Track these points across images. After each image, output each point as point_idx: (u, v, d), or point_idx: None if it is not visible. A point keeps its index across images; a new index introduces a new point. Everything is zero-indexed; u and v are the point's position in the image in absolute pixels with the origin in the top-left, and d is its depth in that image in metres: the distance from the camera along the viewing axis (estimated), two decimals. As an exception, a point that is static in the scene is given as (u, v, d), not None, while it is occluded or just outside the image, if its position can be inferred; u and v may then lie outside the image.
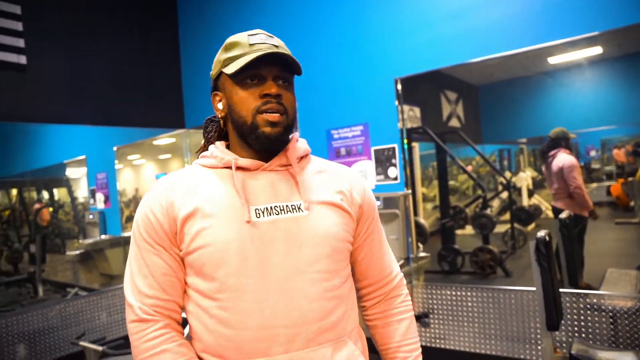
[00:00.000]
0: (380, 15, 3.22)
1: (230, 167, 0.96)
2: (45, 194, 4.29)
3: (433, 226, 3.75)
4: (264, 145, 0.94)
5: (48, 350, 3.44)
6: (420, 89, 3.30)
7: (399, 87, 3.13)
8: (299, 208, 0.94)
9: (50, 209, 4.24)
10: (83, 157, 4.28)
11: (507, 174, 3.94)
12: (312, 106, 3.59)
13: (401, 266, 2.98)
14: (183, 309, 0.99)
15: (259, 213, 0.92)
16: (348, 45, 3.38)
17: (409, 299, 1.14)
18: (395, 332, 1.09)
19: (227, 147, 1.04)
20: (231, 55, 0.94)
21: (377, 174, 3.26)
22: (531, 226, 3.81)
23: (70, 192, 4.35)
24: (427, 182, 3.92)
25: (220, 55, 0.98)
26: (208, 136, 1.09)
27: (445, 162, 3.75)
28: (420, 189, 3.51)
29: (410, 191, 3.14)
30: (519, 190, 3.91)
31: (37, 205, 4.18)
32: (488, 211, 3.83)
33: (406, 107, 3.17)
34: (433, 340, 3.06)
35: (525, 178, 3.93)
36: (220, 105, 1.00)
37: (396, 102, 3.15)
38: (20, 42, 3.41)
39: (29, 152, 4.13)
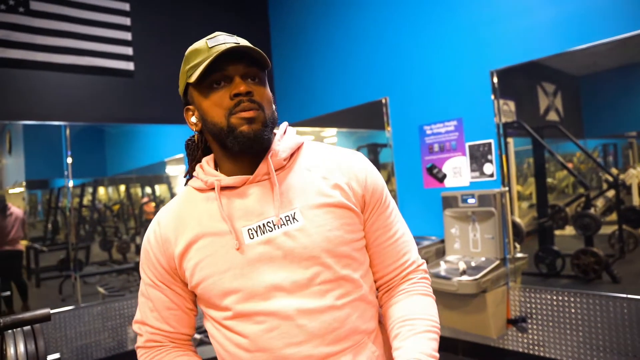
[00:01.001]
0: (474, 5, 3.09)
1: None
2: (149, 190, 4.64)
3: (529, 226, 3.55)
4: (245, 145, 0.86)
5: (152, 335, 3.71)
6: (516, 81, 3.13)
7: (495, 80, 2.99)
8: (293, 218, 0.89)
9: (153, 204, 4.58)
10: (181, 155, 4.57)
11: (614, 171, 3.62)
12: (403, 102, 3.55)
13: (497, 267, 2.85)
14: (193, 335, 1.02)
15: (252, 233, 0.88)
16: (440, 38, 3.29)
17: (424, 282, 1.01)
18: (400, 306, 0.96)
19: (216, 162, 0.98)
20: (193, 64, 0.89)
21: (472, 170, 3.15)
22: (643, 228, 3.46)
23: (170, 189, 4.66)
24: (522, 179, 3.71)
25: (183, 68, 0.93)
26: (192, 155, 1.02)
27: (543, 158, 3.52)
28: (515, 187, 3.33)
29: (507, 189, 3.00)
30: (628, 188, 3.57)
31: (144, 199, 4.53)
32: (592, 211, 3.55)
33: (500, 101, 3.03)
34: (530, 346, 2.90)
35: (635, 175, 3.58)
36: (193, 119, 0.94)
37: (492, 96, 3.02)
38: (129, 50, 3.72)
39: (135, 151, 4.49)
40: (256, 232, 0.88)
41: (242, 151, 0.89)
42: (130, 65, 3.72)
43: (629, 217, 3.51)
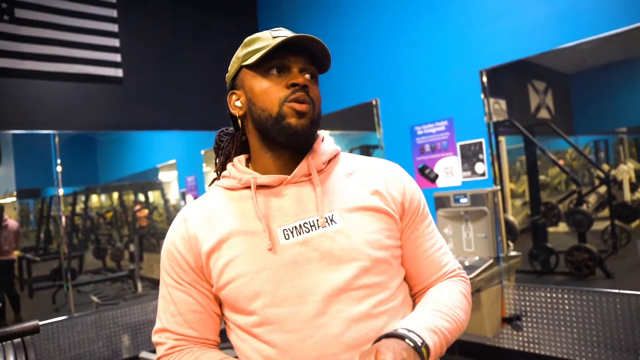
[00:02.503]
0: (462, 4, 3.10)
1: (250, 187, 0.88)
2: (142, 197, 4.62)
3: (522, 224, 3.56)
4: (290, 138, 0.85)
5: (148, 342, 3.69)
6: (506, 80, 3.15)
7: (485, 79, 3.00)
8: (331, 220, 0.86)
9: (146, 211, 4.56)
10: (173, 161, 4.56)
11: (605, 167, 3.64)
12: (394, 103, 3.55)
13: (490, 266, 2.86)
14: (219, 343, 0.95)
15: (287, 234, 0.85)
16: (429, 38, 3.29)
17: (461, 280, 0.98)
18: (427, 294, 0.95)
19: (248, 159, 0.96)
20: (253, 48, 0.87)
21: (464, 170, 3.15)
22: (635, 223, 3.48)
23: (163, 195, 4.65)
24: (515, 177, 3.72)
25: (240, 53, 0.91)
26: (225, 151, 1.00)
27: (534, 156, 3.54)
28: (508, 185, 3.34)
29: (499, 187, 3.01)
30: (619, 184, 3.59)
31: (137, 206, 4.50)
32: (584, 207, 3.56)
33: (491, 100, 3.04)
34: (525, 344, 2.91)
35: (627, 170, 3.60)
36: (238, 103, 0.92)
37: (482, 95, 3.03)
38: (117, 57, 3.70)
39: (127, 158, 4.47)
40: (292, 232, 0.85)
41: (285, 144, 0.87)
42: (119, 72, 3.69)
43: (621, 212, 3.52)
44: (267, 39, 0.86)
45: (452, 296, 0.92)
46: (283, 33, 0.87)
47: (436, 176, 3.32)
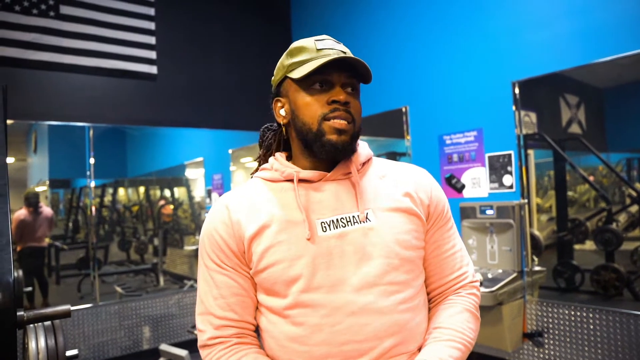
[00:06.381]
0: (496, 15, 3.08)
1: (292, 180, 0.94)
2: (167, 193, 4.70)
3: (548, 239, 3.49)
4: (330, 154, 0.90)
5: (167, 335, 3.75)
6: (537, 92, 3.10)
7: (517, 90, 2.97)
8: (366, 218, 0.91)
9: (172, 207, 4.63)
10: (201, 159, 4.62)
11: (637, 186, 3.54)
12: (423, 111, 3.53)
13: (514, 280, 2.82)
14: (256, 327, 0.98)
15: (325, 227, 0.90)
16: (462, 48, 3.27)
17: (471, 297, 1.01)
18: (437, 315, 0.98)
19: (288, 157, 1.01)
20: (297, 60, 0.91)
21: (491, 181, 3.12)
22: (667, 245, 3.37)
23: (189, 192, 4.72)
24: (542, 191, 3.66)
25: (285, 61, 0.94)
26: (266, 144, 1.06)
27: (564, 171, 3.47)
28: (534, 199, 3.28)
29: (526, 201, 2.96)
30: (652, 204, 3.49)
31: (161, 202, 4.58)
32: (613, 226, 3.47)
33: (521, 112, 3.00)
34: (548, 362, 2.85)
35: (660, 191, 3.49)
36: (282, 112, 0.96)
37: (513, 107, 2.99)
38: (153, 54, 3.79)
39: (155, 153, 4.56)
40: (329, 225, 0.90)
41: (326, 158, 0.93)
42: (153, 69, 3.78)
43: (653, 233, 3.42)
44: (312, 50, 0.90)
45: (461, 317, 0.96)
46: (327, 44, 0.91)
47: (463, 186, 3.29)
